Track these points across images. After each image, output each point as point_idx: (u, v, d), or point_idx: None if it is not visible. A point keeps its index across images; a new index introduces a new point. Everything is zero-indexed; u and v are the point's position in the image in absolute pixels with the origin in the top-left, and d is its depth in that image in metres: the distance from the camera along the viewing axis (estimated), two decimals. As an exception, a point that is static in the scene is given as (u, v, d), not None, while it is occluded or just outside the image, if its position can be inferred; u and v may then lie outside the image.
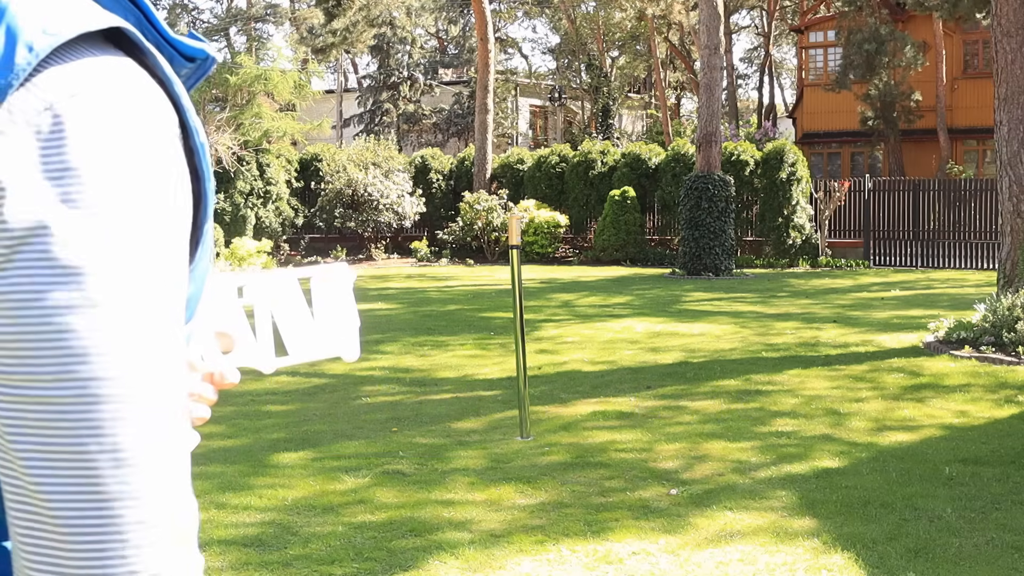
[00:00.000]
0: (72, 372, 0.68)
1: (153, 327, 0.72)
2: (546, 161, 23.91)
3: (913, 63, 27.93)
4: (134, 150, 0.72)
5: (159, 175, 0.74)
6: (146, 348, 0.71)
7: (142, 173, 0.72)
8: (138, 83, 0.75)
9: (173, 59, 0.83)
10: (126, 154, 0.72)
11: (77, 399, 0.68)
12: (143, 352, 0.71)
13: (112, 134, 0.71)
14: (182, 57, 0.83)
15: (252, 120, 21.99)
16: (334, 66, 44.58)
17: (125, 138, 0.72)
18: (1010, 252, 10.61)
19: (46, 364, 0.68)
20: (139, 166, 0.72)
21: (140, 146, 0.73)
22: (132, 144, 0.72)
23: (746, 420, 6.87)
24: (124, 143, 0.72)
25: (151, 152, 0.73)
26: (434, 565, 4.27)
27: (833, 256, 21.34)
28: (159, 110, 0.76)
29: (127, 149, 0.72)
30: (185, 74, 0.85)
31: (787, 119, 42.59)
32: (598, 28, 44.72)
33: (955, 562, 4.21)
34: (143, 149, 0.73)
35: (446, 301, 14.94)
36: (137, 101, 0.74)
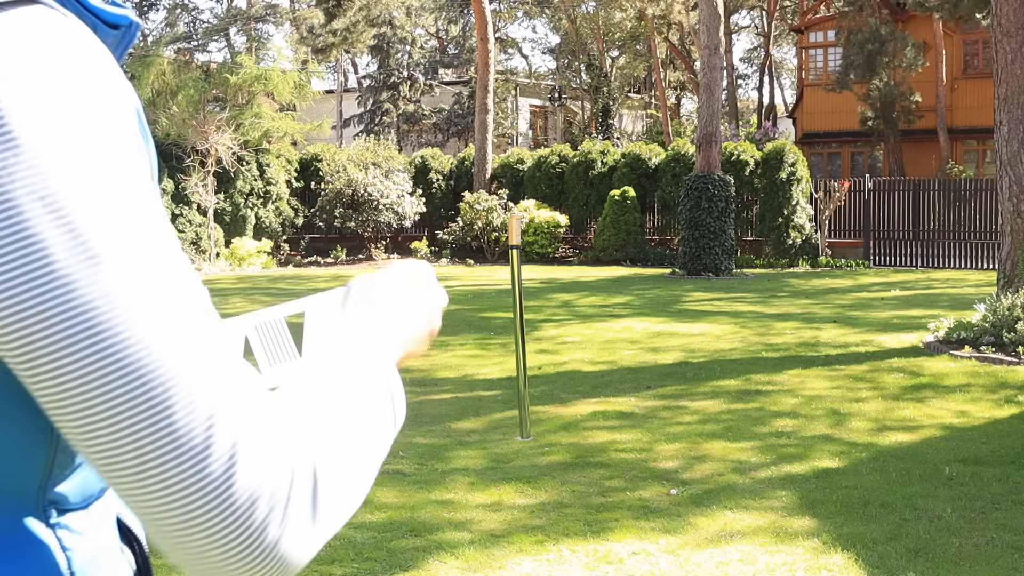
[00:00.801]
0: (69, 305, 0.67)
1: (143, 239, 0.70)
2: (546, 161, 23.91)
3: (913, 63, 27.93)
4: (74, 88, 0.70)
5: (110, 118, 0.72)
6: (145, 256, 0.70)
7: (91, 115, 0.70)
8: (70, 28, 0.73)
9: (97, 28, 0.80)
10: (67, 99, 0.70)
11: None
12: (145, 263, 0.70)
13: (48, 73, 0.69)
14: (106, 25, 0.81)
15: (252, 120, 21.99)
16: (334, 66, 44.59)
17: (62, 78, 0.70)
18: (1010, 252, 10.61)
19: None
20: (84, 105, 0.70)
21: (81, 86, 0.71)
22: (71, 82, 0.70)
23: (746, 420, 6.87)
24: (62, 82, 0.70)
25: (95, 92, 0.71)
26: (434, 565, 4.27)
27: (833, 256, 21.34)
28: (98, 54, 0.73)
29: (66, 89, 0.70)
30: (111, 43, 0.82)
31: (787, 119, 42.60)
32: (598, 28, 44.73)
33: (955, 562, 4.21)
34: (85, 90, 0.71)
35: (446, 301, 14.93)
36: (72, 43, 0.72)
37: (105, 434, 0.68)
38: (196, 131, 21.05)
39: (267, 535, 0.71)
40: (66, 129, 0.69)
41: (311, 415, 0.76)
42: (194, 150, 21.31)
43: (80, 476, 0.82)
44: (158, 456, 0.68)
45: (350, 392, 0.80)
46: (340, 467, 0.76)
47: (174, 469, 0.68)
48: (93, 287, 0.67)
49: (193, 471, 0.69)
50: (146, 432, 0.68)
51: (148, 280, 0.69)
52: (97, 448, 0.69)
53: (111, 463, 0.69)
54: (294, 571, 0.75)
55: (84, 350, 0.67)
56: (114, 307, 0.67)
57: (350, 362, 0.82)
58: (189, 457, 0.69)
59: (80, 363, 0.67)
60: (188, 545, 0.71)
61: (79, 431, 0.69)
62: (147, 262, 0.70)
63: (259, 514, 0.71)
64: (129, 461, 0.68)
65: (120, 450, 0.68)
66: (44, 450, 0.77)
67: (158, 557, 0.95)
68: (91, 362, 0.67)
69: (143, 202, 0.71)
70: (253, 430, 0.71)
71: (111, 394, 0.67)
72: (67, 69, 0.71)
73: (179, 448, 0.68)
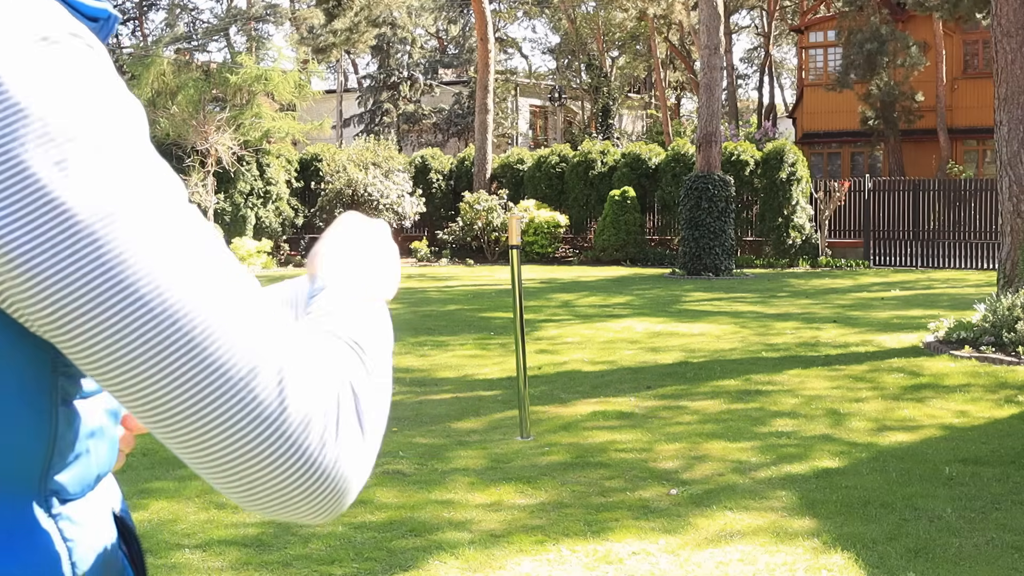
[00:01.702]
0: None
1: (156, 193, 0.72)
2: (546, 161, 23.91)
3: (915, 63, 27.93)
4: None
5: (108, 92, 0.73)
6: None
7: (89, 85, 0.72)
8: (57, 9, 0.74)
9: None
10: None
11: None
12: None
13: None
14: (85, 18, 0.81)
15: (252, 120, 21.99)
16: (334, 66, 44.59)
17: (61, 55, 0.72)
18: (1010, 252, 10.61)
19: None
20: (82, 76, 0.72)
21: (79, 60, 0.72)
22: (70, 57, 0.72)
23: (746, 420, 6.87)
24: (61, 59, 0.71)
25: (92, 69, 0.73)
26: (434, 565, 4.27)
27: (833, 256, 21.34)
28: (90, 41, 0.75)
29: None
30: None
31: (787, 119, 42.60)
32: (598, 28, 44.72)
33: (955, 562, 4.21)
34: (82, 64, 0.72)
35: (446, 301, 14.94)
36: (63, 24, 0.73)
37: (153, 381, 0.69)
38: (196, 131, 21.04)
39: (325, 456, 0.72)
40: (70, 95, 0.71)
41: (336, 338, 0.79)
42: (194, 150, 21.31)
43: (79, 465, 0.82)
44: (208, 394, 0.69)
45: (357, 315, 0.83)
46: (370, 382, 0.79)
47: (226, 404, 0.70)
48: (118, 242, 0.68)
49: (244, 402, 0.70)
50: (193, 373, 0.69)
51: (170, 229, 0.71)
52: (147, 397, 0.70)
53: (164, 412, 0.70)
54: (355, 491, 0.76)
55: (119, 304, 0.68)
56: (143, 258, 0.69)
57: (347, 295, 0.86)
58: (239, 390, 0.70)
59: (116, 317, 0.68)
60: (252, 480, 0.72)
61: (127, 384, 0.70)
62: (164, 214, 0.71)
63: (315, 436, 0.72)
64: (181, 405, 0.69)
65: (171, 396, 0.69)
66: (45, 437, 0.77)
67: (156, 556, 0.94)
68: (126, 314, 0.68)
69: (151, 161, 0.73)
70: (295, 357, 0.73)
71: (151, 341, 0.68)
72: (62, 38, 0.72)
73: (228, 383, 0.70)
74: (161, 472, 5.59)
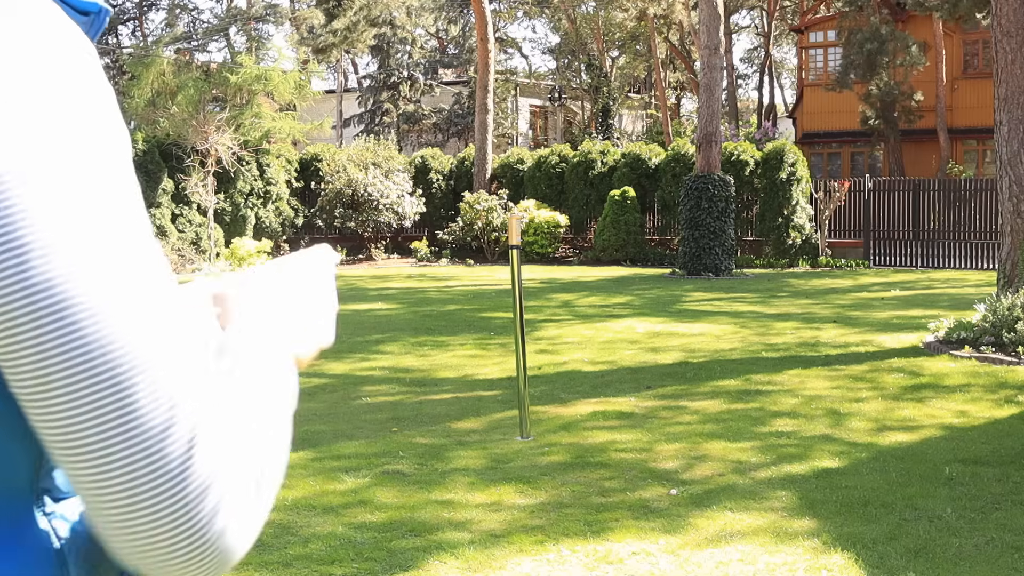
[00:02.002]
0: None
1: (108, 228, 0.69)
2: (546, 161, 23.91)
3: (914, 63, 27.93)
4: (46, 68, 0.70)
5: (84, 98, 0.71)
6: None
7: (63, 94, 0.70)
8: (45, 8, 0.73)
9: (67, 14, 0.79)
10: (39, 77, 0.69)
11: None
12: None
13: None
14: (76, 12, 0.80)
15: (252, 120, 21.99)
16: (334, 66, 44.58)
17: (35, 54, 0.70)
18: (1010, 252, 10.61)
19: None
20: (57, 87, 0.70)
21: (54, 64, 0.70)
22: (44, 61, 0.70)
23: (746, 420, 6.87)
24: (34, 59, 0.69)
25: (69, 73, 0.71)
26: (434, 565, 4.27)
27: (833, 256, 21.34)
28: (73, 34, 0.73)
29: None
30: (81, 30, 0.80)
31: (787, 119, 42.60)
32: (598, 28, 44.72)
33: (955, 562, 4.21)
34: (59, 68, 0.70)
35: (446, 301, 14.94)
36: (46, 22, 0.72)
37: (66, 411, 0.67)
38: (196, 131, 21.04)
39: (214, 525, 0.71)
40: (25, 107, 0.68)
41: (250, 405, 0.77)
42: (194, 150, 21.30)
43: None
44: (118, 437, 0.68)
45: (270, 387, 0.80)
46: (273, 457, 0.77)
47: (132, 450, 0.68)
48: (55, 269, 0.66)
49: (151, 454, 0.68)
50: (108, 411, 0.67)
51: (113, 260, 0.69)
52: (56, 426, 0.68)
53: (69, 442, 0.68)
54: (233, 562, 0.74)
55: (46, 329, 0.66)
56: (78, 288, 0.67)
57: (265, 357, 0.82)
58: (149, 439, 0.68)
59: (42, 343, 0.66)
60: (135, 531, 0.70)
61: (40, 407, 0.68)
62: (112, 241, 0.69)
63: (208, 504, 0.70)
64: (89, 440, 0.67)
65: (80, 429, 0.67)
66: (31, 435, 0.76)
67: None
68: (53, 341, 0.66)
69: (109, 182, 0.70)
70: (210, 417, 0.71)
71: (74, 372, 0.66)
72: (31, 45, 0.70)
73: (139, 429, 0.68)
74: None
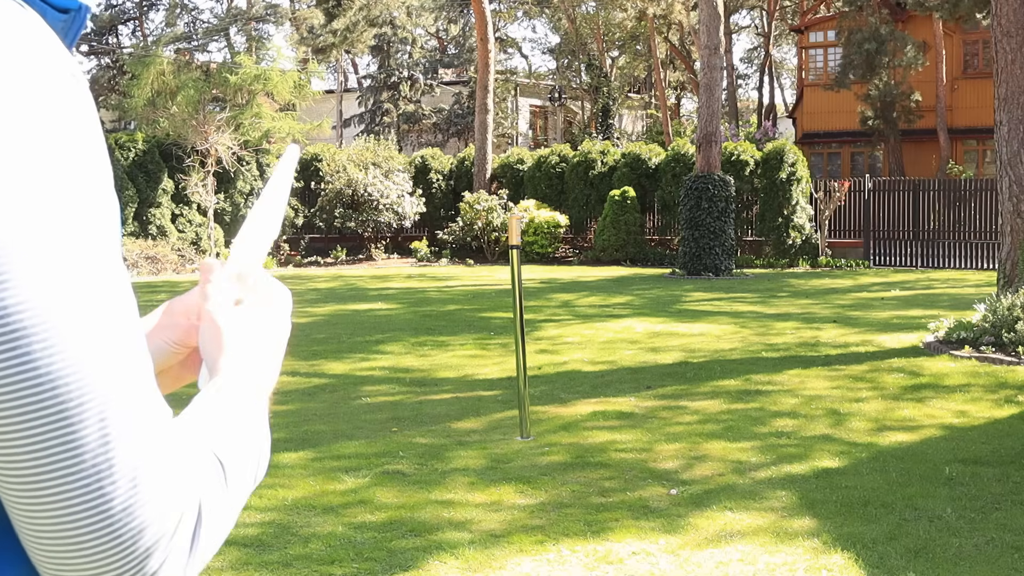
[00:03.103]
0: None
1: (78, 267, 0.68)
2: (546, 161, 23.92)
3: (913, 63, 27.93)
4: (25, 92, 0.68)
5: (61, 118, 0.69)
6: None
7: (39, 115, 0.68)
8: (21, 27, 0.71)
9: (45, 13, 0.77)
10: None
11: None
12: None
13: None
14: (54, 10, 0.78)
15: (252, 120, 21.99)
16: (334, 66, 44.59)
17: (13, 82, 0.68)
18: (1010, 252, 10.61)
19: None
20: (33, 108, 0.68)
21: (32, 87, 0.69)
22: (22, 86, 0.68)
23: (746, 420, 6.87)
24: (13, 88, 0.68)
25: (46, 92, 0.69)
26: (434, 565, 4.27)
27: (833, 256, 21.34)
28: (50, 53, 0.72)
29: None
30: (60, 28, 0.79)
31: (787, 119, 42.59)
32: (598, 28, 44.71)
33: (955, 562, 4.21)
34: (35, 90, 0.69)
35: (446, 301, 14.93)
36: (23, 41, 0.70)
37: (9, 438, 0.66)
38: (196, 131, 21.04)
39: (147, 566, 0.70)
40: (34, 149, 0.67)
41: (203, 450, 0.76)
42: (194, 150, 21.30)
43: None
44: (60, 469, 0.67)
45: (232, 433, 0.80)
46: (219, 510, 0.76)
47: (72, 485, 0.67)
48: (13, 296, 0.65)
49: (91, 491, 0.68)
50: (52, 444, 0.67)
51: (74, 293, 0.68)
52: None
53: (9, 470, 0.67)
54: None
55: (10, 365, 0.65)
56: (33, 317, 0.66)
57: (233, 407, 0.82)
58: (90, 476, 0.68)
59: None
60: (63, 562, 0.69)
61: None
62: (72, 272, 0.68)
63: (143, 544, 0.70)
64: (29, 469, 0.67)
65: (22, 456, 0.67)
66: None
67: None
68: (3, 370, 0.65)
69: (74, 209, 0.69)
70: (156, 463, 0.70)
71: (22, 400, 0.66)
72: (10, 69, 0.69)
73: (81, 466, 0.67)
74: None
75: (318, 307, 14.15)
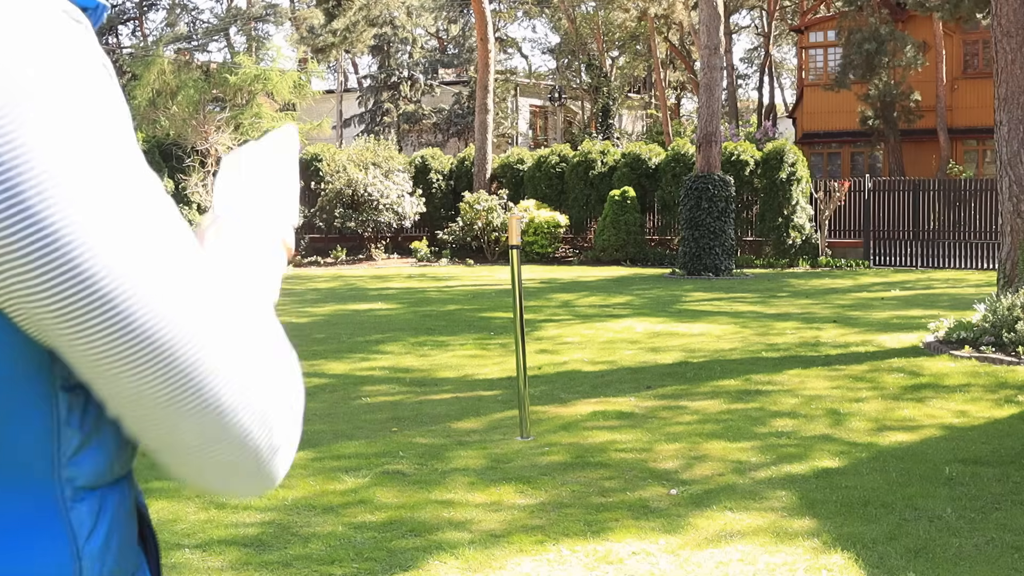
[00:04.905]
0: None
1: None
2: (546, 161, 23.91)
3: (913, 63, 27.94)
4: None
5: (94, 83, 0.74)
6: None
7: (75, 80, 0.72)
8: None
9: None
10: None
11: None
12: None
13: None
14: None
15: (252, 120, 21.98)
16: (334, 66, 44.58)
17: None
18: (1010, 252, 10.61)
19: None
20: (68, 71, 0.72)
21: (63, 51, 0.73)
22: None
23: (746, 420, 6.87)
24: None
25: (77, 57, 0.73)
26: (434, 565, 4.27)
27: (833, 256, 21.34)
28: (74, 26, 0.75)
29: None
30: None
31: (787, 119, 42.59)
32: (598, 28, 44.72)
33: (955, 562, 4.21)
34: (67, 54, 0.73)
35: (446, 301, 14.94)
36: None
37: (127, 365, 0.72)
38: (196, 131, 21.05)
39: (272, 440, 0.79)
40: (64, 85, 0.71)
41: (270, 326, 0.84)
42: (194, 150, 21.30)
43: (93, 453, 0.80)
44: (181, 387, 0.74)
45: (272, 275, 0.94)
46: (296, 375, 0.85)
47: (191, 392, 0.74)
48: (80, 231, 0.69)
49: (209, 391, 0.75)
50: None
51: (159, 241, 0.75)
52: (114, 380, 0.73)
53: (134, 397, 0.74)
54: (278, 480, 0.84)
55: (89, 303, 0.70)
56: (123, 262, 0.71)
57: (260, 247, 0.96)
58: (207, 381, 0.74)
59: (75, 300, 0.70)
60: (202, 462, 0.78)
61: (101, 370, 0.73)
62: (149, 219, 0.75)
63: (267, 426, 0.79)
64: (159, 394, 0.74)
65: (147, 383, 0.73)
66: (47, 423, 0.76)
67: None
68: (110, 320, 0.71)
69: (122, 146, 0.74)
70: (259, 351, 0.79)
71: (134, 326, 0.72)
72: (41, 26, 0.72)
73: (197, 373, 0.74)
74: (161, 472, 5.58)
75: (318, 307, 14.15)
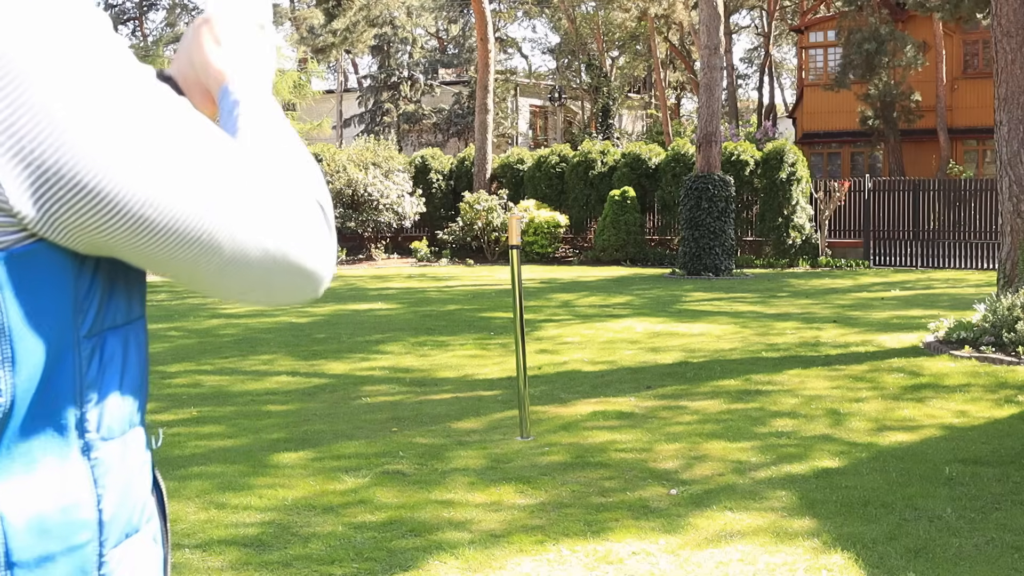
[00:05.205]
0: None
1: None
2: (546, 161, 23.91)
3: (913, 63, 27.94)
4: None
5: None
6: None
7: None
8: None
9: None
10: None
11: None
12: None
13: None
14: None
15: (252, 120, 21.97)
16: (334, 66, 44.58)
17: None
18: (1010, 252, 10.61)
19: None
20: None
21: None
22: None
23: (746, 420, 6.87)
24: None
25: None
26: (434, 565, 4.27)
27: (833, 256, 21.34)
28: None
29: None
30: None
31: (787, 119, 42.59)
32: (598, 28, 44.72)
33: (955, 562, 4.21)
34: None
35: (446, 301, 14.94)
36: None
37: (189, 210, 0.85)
38: (196, 131, 21.02)
39: (321, 244, 0.91)
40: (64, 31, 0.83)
41: (295, 153, 0.96)
42: (194, 150, 21.27)
43: (114, 402, 0.81)
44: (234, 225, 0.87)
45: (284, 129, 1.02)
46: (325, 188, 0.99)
47: (237, 266, 0.87)
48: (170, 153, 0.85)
49: (251, 257, 0.87)
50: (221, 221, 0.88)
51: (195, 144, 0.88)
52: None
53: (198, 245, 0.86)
54: (327, 283, 0.96)
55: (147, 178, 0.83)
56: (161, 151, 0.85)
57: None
58: (259, 219, 0.87)
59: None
60: (258, 296, 0.92)
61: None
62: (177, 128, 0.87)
63: (312, 237, 0.91)
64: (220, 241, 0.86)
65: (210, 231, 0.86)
66: (69, 370, 0.76)
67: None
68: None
69: (141, 77, 0.87)
70: (285, 183, 0.90)
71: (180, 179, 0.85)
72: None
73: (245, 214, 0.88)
74: (161, 472, 5.57)
75: (318, 307, 14.15)
